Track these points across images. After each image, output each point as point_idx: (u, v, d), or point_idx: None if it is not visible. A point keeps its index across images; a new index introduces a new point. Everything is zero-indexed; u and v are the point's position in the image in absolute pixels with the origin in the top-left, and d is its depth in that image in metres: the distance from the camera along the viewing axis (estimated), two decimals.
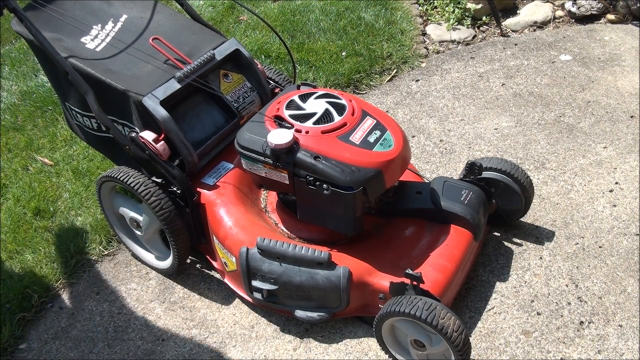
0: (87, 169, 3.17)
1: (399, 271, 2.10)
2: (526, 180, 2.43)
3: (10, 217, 2.96)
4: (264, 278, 2.21)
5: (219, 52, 2.51)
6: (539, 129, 3.16)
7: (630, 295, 2.33)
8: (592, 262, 2.47)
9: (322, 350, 2.28)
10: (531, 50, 3.79)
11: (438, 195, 2.33)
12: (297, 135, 2.11)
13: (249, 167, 2.24)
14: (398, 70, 3.72)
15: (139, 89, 2.30)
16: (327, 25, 4.00)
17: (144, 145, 2.30)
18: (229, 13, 4.32)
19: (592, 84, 3.44)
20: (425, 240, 2.29)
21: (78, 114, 2.60)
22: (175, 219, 2.33)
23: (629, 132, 3.09)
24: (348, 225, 2.18)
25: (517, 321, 2.29)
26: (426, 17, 4.17)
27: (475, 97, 3.45)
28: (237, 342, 2.35)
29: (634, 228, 2.59)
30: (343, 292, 2.15)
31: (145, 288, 2.61)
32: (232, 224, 2.31)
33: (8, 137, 3.50)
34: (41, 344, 2.45)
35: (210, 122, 2.50)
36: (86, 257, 2.76)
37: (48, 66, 2.60)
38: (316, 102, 2.23)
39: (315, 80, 3.57)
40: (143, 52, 2.48)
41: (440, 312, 1.93)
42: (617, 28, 3.90)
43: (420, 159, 3.06)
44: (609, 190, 2.77)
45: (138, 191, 2.30)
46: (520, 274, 2.46)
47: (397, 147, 2.14)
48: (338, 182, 2.05)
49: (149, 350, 2.36)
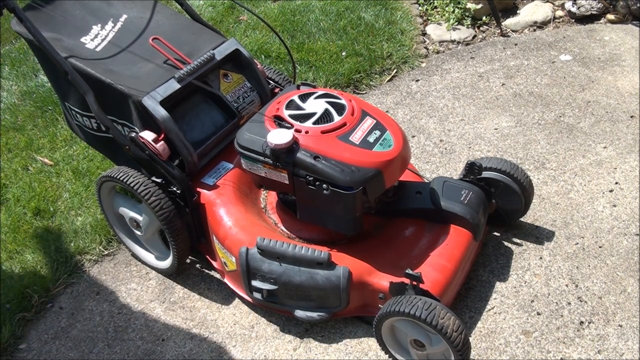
0: (87, 169, 3.17)
1: (398, 271, 2.11)
2: (526, 180, 2.43)
3: (10, 217, 2.96)
4: (263, 278, 2.21)
5: (219, 52, 2.51)
6: (539, 129, 3.16)
7: (630, 295, 2.33)
8: (592, 262, 2.47)
9: (322, 350, 2.28)
10: (531, 50, 3.79)
11: (438, 195, 2.33)
12: (297, 135, 2.11)
13: (249, 167, 2.24)
14: (398, 70, 3.71)
15: (139, 88, 2.30)
16: (327, 25, 3.99)
17: (143, 145, 2.30)
18: (229, 13, 4.32)
19: (592, 84, 3.44)
20: (425, 240, 2.29)
21: (78, 114, 2.60)
22: (174, 219, 2.33)
23: (629, 132, 3.08)
24: (348, 225, 2.18)
25: (517, 321, 2.29)
26: (426, 17, 4.17)
27: (475, 97, 3.45)
28: (237, 342, 2.35)
29: (634, 228, 2.59)
30: (343, 292, 2.15)
31: (145, 288, 2.61)
32: (232, 223, 2.31)
33: (8, 137, 3.50)
34: (41, 344, 2.45)
35: (210, 122, 2.50)
36: (86, 257, 2.76)
37: (48, 66, 2.60)
38: (316, 102, 2.23)
39: (315, 80, 3.57)
40: (143, 52, 2.48)
41: (439, 311, 1.93)
42: (617, 28, 3.90)
43: (420, 159, 3.05)
44: (609, 190, 2.77)
45: (137, 191, 2.30)
46: (520, 274, 2.46)
47: (397, 147, 2.14)
48: (338, 182, 2.05)
49: (149, 350, 2.36)
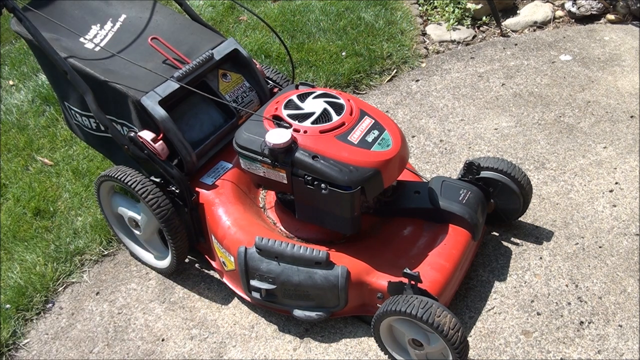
0: (87, 169, 3.17)
1: (397, 270, 2.10)
2: (524, 179, 2.43)
3: (10, 217, 2.96)
4: (262, 277, 2.21)
5: (218, 52, 2.52)
6: (539, 129, 3.16)
7: (630, 295, 2.33)
8: (592, 262, 2.46)
9: (322, 350, 2.28)
10: (531, 50, 3.78)
11: (436, 195, 2.33)
12: (296, 134, 2.11)
13: (247, 166, 2.24)
14: (398, 70, 3.71)
15: (138, 88, 2.30)
16: (327, 25, 3.99)
17: (142, 145, 2.30)
18: (228, 13, 4.32)
19: (592, 84, 3.44)
20: (423, 240, 2.29)
21: (77, 113, 2.61)
22: (172, 218, 2.33)
23: (629, 132, 3.08)
24: (346, 225, 2.18)
25: (517, 321, 2.29)
26: (426, 17, 4.17)
27: (475, 97, 3.44)
28: (237, 342, 2.35)
29: (634, 228, 2.58)
30: (341, 292, 2.14)
31: (145, 288, 2.61)
32: (231, 223, 2.31)
33: (8, 137, 3.51)
34: (41, 344, 2.45)
35: (209, 122, 2.51)
36: (86, 257, 2.76)
37: (47, 66, 2.61)
38: (314, 101, 2.23)
39: (315, 80, 3.57)
40: (142, 51, 2.48)
41: (436, 310, 1.93)
42: (617, 28, 3.89)
43: (420, 159, 3.05)
44: (609, 190, 2.76)
45: (135, 190, 2.31)
46: (520, 274, 2.45)
47: (395, 147, 2.14)
48: (336, 182, 2.05)
49: (149, 350, 2.36)
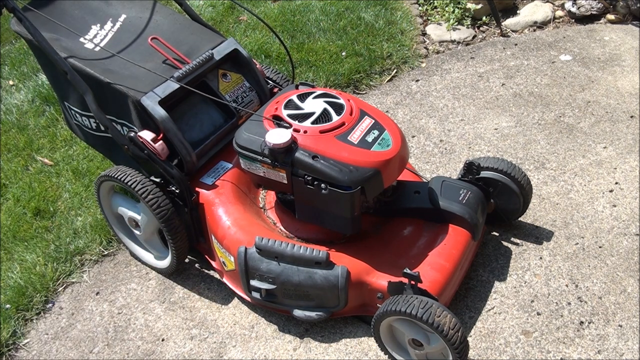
0: (87, 169, 3.17)
1: (397, 270, 2.10)
2: (524, 179, 2.42)
3: (10, 217, 2.96)
4: (262, 277, 2.21)
5: (218, 52, 2.52)
6: (539, 129, 3.16)
7: (630, 295, 2.33)
8: (592, 262, 2.46)
9: (322, 350, 2.28)
10: (531, 50, 3.78)
11: (436, 195, 2.33)
12: (296, 134, 2.11)
13: (247, 166, 2.24)
14: (398, 70, 3.71)
15: (138, 88, 2.30)
16: (327, 25, 3.99)
17: (142, 145, 2.30)
18: (228, 13, 4.32)
19: (592, 84, 3.44)
20: (423, 240, 2.29)
21: (77, 113, 2.61)
22: (172, 218, 2.33)
23: (629, 132, 3.08)
24: (346, 225, 2.18)
25: (517, 321, 2.29)
26: (426, 17, 4.17)
27: (475, 97, 3.44)
28: (237, 342, 2.35)
29: (634, 228, 2.58)
30: (341, 292, 2.14)
31: (145, 288, 2.61)
32: (231, 223, 2.31)
33: (8, 137, 3.51)
34: (41, 344, 2.45)
35: (209, 122, 2.51)
36: (86, 257, 2.76)
37: (47, 66, 2.61)
38: (314, 101, 2.23)
39: (315, 80, 3.57)
40: (142, 51, 2.48)
41: (436, 310, 1.93)
42: (617, 28, 3.89)
43: (420, 159, 3.05)
44: (609, 190, 2.76)
45: (135, 189, 2.31)
46: (520, 274, 2.45)
47: (395, 147, 2.14)
48: (336, 182, 2.05)
49: (149, 350, 2.36)
